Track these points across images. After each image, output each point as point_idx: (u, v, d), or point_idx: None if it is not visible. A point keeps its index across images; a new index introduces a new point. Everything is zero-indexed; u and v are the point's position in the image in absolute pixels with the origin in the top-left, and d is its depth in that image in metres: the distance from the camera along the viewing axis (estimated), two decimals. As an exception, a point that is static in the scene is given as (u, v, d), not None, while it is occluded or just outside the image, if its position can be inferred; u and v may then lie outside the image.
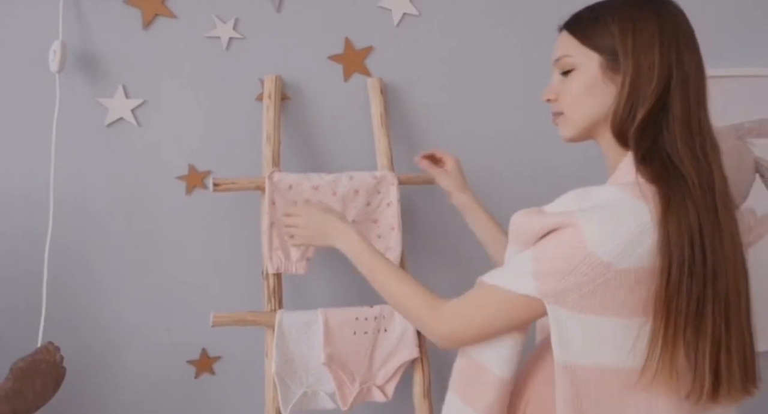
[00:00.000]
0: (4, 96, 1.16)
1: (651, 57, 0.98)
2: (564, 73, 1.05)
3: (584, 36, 1.04)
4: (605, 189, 0.97)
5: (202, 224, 1.26)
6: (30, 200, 1.16)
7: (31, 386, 1.07)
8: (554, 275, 0.92)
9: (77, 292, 1.20)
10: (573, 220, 0.95)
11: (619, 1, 1.04)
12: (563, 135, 1.07)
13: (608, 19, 1.04)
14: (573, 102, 1.04)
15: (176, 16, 1.22)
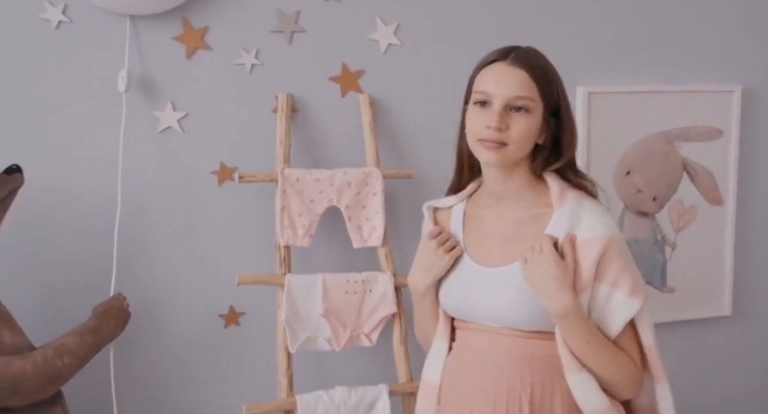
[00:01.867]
0: (83, 111, 1.50)
1: (573, 118, 1.23)
2: (513, 109, 1.19)
3: (543, 88, 1.20)
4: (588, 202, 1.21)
5: (230, 208, 1.60)
6: (103, 189, 1.50)
7: (107, 324, 1.44)
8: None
9: (138, 259, 1.55)
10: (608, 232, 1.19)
11: (551, 64, 1.23)
12: (496, 160, 1.20)
13: (557, 80, 1.23)
14: (521, 139, 1.19)
15: (211, 48, 1.56)
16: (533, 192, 1.26)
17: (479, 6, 1.68)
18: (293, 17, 1.58)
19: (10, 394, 1.31)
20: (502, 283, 1.24)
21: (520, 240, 1.24)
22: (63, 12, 1.45)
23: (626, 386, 1.24)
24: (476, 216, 1.31)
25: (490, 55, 1.23)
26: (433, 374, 1.30)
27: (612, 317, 1.21)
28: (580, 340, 1.19)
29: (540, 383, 1.22)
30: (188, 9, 1.52)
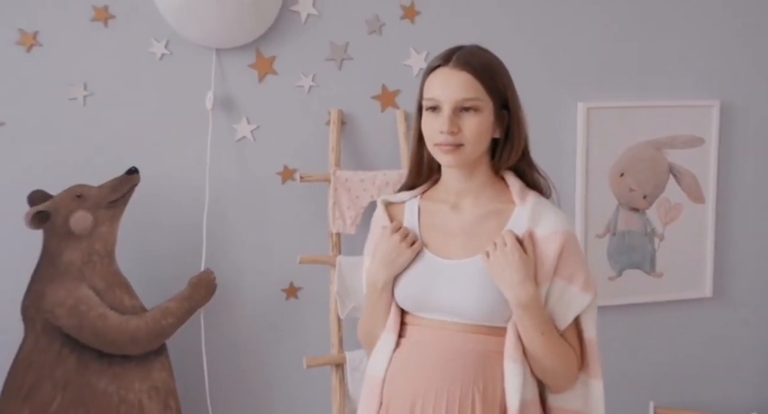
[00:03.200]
0: (180, 123, 1.84)
1: (520, 108, 1.26)
2: (463, 110, 1.21)
3: (488, 85, 1.22)
4: (542, 200, 1.26)
5: (291, 202, 1.94)
6: (195, 186, 1.85)
7: (199, 293, 1.80)
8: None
9: (221, 242, 1.90)
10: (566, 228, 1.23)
11: (497, 58, 1.25)
12: (455, 162, 1.23)
13: (502, 74, 1.24)
14: (475, 139, 1.21)
15: (278, 73, 1.91)
16: (493, 189, 1.29)
17: (495, 36, 2.01)
18: (343, 48, 1.94)
19: (128, 344, 1.69)
20: (463, 275, 1.25)
21: (481, 234, 1.26)
22: (165, 46, 1.82)
23: (566, 377, 1.27)
24: (432, 211, 1.32)
25: (434, 60, 1.26)
26: (378, 368, 1.30)
27: (564, 310, 1.25)
28: (536, 330, 1.21)
29: (492, 379, 1.23)
30: (260, 42, 1.88)
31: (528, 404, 1.24)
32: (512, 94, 1.26)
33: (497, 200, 1.29)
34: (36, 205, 1.63)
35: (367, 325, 1.36)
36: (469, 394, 1.22)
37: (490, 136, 1.25)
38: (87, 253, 1.66)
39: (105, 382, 1.67)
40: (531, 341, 1.22)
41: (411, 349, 1.27)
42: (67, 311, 1.63)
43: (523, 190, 1.28)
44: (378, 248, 1.30)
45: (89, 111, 1.78)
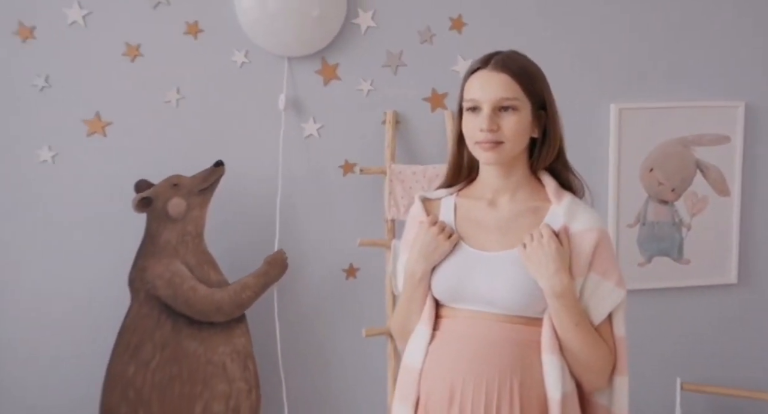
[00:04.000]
0: (256, 122, 2.08)
1: (557, 111, 1.32)
2: (502, 109, 1.26)
3: (525, 86, 1.27)
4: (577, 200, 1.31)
5: (352, 192, 2.17)
6: (269, 177, 2.10)
7: (273, 270, 2.05)
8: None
9: (291, 227, 2.14)
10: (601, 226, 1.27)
11: (533, 62, 1.31)
12: (495, 159, 1.27)
13: (539, 76, 1.30)
14: (514, 136, 1.26)
15: (340, 79, 2.15)
16: (529, 187, 1.34)
17: (534, 44, 2.20)
18: (397, 55, 2.18)
19: (214, 313, 1.96)
20: (499, 266, 1.28)
21: (517, 230, 1.30)
22: (245, 56, 2.08)
23: (600, 371, 1.29)
24: (468, 207, 1.36)
25: (473, 63, 1.32)
26: (415, 358, 1.32)
27: (599, 304, 1.28)
28: (570, 321, 1.24)
29: (529, 368, 1.26)
30: (326, 51, 2.12)
31: (568, 396, 1.26)
32: (549, 95, 1.32)
33: (533, 198, 1.34)
34: (140, 193, 1.92)
35: (402, 317, 1.39)
36: (507, 383, 1.24)
37: (528, 135, 1.30)
38: (181, 234, 1.94)
39: (195, 344, 1.95)
40: (566, 332, 1.25)
41: (447, 341, 1.30)
42: (165, 283, 1.91)
43: (558, 189, 1.33)
44: (416, 241, 1.34)
45: (181, 112, 2.05)
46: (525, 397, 1.24)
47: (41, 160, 1.97)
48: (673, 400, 2.26)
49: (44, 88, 1.95)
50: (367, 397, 2.19)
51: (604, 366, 1.29)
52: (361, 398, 2.20)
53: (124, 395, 1.90)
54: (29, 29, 1.93)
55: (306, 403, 2.18)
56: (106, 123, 2.01)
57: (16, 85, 1.94)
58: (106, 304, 1.98)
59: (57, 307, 2.01)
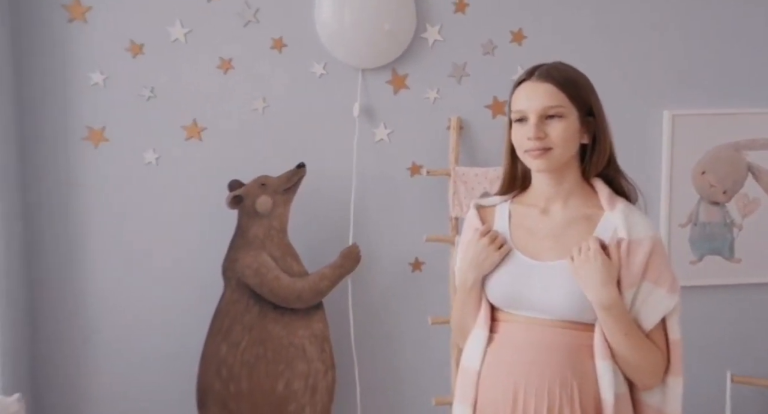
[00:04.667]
0: (333, 128, 2.27)
1: (605, 118, 1.34)
2: (548, 118, 1.28)
3: (571, 94, 1.29)
4: (630, 206, 1.32)
5: (419, 192, 2.35)
6: (344, 177, 2.29)
7: (348, 262, 2.23)
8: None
9: (363, 223, 2.32)
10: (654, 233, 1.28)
11: (578, 71, 1.33)
12: (545, 166, 1.29)
13: (584, 84, 1.32)
14: (562, 142, 1.28)
15: (409, 88, 2.33)
16: (581, 194, 1.35)
17: (589, 54, 2.35)
18: (462, 66, 2.35)
19: (295, 300, 2.16)
20: (554, 276, 1.30)
21: (569, 238, 1.32)
22: (323, 67, 2.28)
23: (652, 375, 1.31)
24: (523, 214, 1.38)
25: (519, 76, 1.37)
26: (473, 361, 1.35)
27: (651, 311, 1.29)
28: (619, 331, 1.26)
29: (586, 372, 1.29)
30: (396, 63, 2.31)
31: (621, 398, 1.30)
32: (596, 102, 1.34)
33: (586, 205, 1.35)
34: (233, 191, 2.15)
35: (458, 318, 1.44)
36: (567, 386, 1.27)
37: (577, 141, 1.32)
38: (267, 228, 2.16)
39: (278, 328, 2.16)
40: (616, 342, 1.27)
41: (505, 344, 1.33)
42: (253, 273, 2.13)
43: (611, 196, 1.34)
44: (468, 249, 1.37)
45: (267, 118, 2.27)
46: (584, 399, 1.28)
47: (146, 161, 2.22)
48: (724, 392, 2.37)
49: (150, 98, 2.20)
50: (431, 379, 2.38)
51: (656, 369, 1.31)
52: (426, 380, 2.38)
53: (218, 372, 2.13)
54: (139, 46, 2.18)
55: (376, 383, 2.38)
56: (201, 128, 2.24)
57: (127, 95, 2.19)
58: (203, 291, 2.20)
59: (160, 294, 2.25)
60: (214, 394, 2.13)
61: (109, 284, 2.23)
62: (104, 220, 2.22)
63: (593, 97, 1.34)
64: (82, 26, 2.14)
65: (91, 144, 2.18)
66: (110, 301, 2.24)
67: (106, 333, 2.24)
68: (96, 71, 2.16)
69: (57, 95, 2.16)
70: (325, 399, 2.20)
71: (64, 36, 2.13)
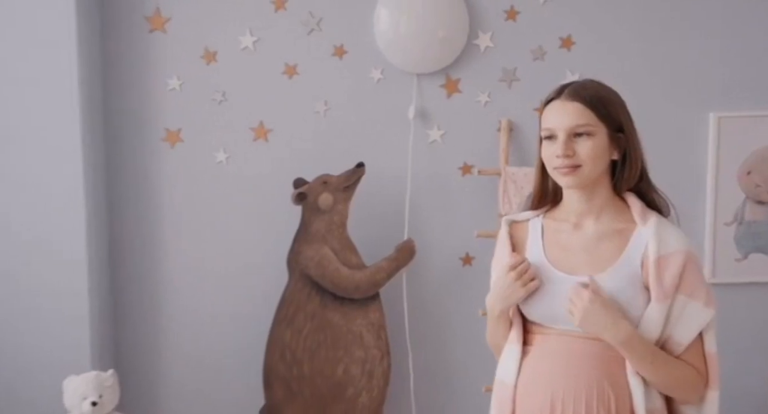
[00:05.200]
0: (390, 130, 2.42)
1: (636, 132, 1.35)
2: (577, 135, 1.29)
3: (600, 112, 1.31)
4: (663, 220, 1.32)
5: (470, 190, 2.46)
6: (400, 176, 2.42)
7: (403, 256, 2.37)
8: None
9: (417, 219, 2.44)
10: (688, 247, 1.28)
11: (608, 88, 1.35)
12: (574, 183, 1.30)
13: (613, 101, 1.33)
14: (591, 160, 1.29)
15: (461, 92, 2.44)
16: (614, 209, 1.36)
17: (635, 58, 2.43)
18: (512, 71, 2.46)
19: (353, 291, 2.31)
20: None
21: (602, 252, 1.33)
22: (381, 73, 2.42)
23: (687, 393, 1.33)
24: (555, 229, 1.40)
25: (549, 95, 1.40)
26: (509, 375, 1.38)
27: (687, 325, 1.30)
28: (643, 361, 1.27)
29: (619, 383, 1.30)
30: (449, 68, 2.43)
31: (654, 412, 1.31)
32: (626, 118, 1.35)
33: (618, 220, 1.36)
34: (297, 189, 2.31)
35: (491, 336, 1.49)
36: (604, 396, 1.29)
37: (607, 158, 1.34)
38: (328, 223, 2.31)
39: (338, 316, 2.32)
40: (643, 371, 1.29)
41: (540, 356, 1.35)
42: (315, 264, 2.28)
43: (644, 210, 1.35)
44: (497, 282, 1.40)
45: (329, 121, 2.42)
46: (620, 411, 1.30)
47: (217, 161, 2.40)
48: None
49: (221, 102, 2.38)
50: (481, 367, 2.48)
51: (690, 386, 1.32)
52: (476, 368, 2.50)
53: (282, 356, 2.29)
54: (212, 54, 2.36)
55: (428, 369, 2.51)
56: (268, 130, 2.41)
57: (202, 99, 2.37)
58: (269, 281, 2.37)
59: (230, 283, 2.43)
60: (278, 376, 2.29)
61: (184, 273, 2.42)
62: (179, 213, 2.41)
63: (623, 113, 1.36)
64: (161, 36, 2.33)
65: (168, 144, 2.38)
66: (185, 289, 2.43)
67: (181, 318, 2.43)
68: (173, 77, 2.35)
69: (138, 99, 2.36)
70: (381, 384, 2.34)
71: (146, 45, 2.33)
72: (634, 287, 1.31)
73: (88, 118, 2.19)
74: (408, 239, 2.40)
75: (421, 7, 2.35)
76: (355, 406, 2.31)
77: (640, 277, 1.31)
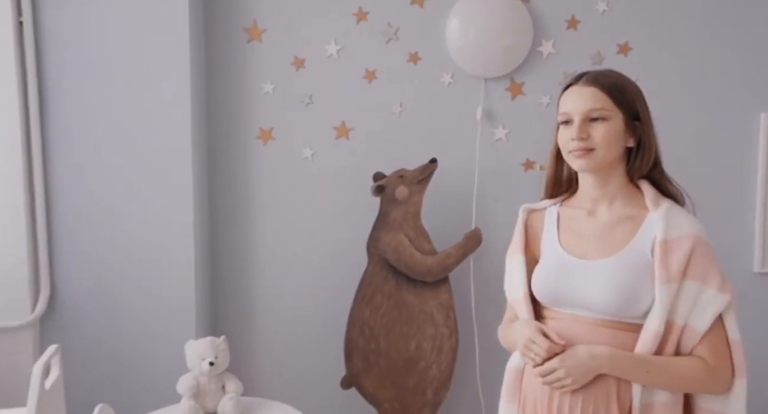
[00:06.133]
0: (460, 129, 2.64)
1: (651, 121, 1.34)
2: (592, 120, 1.29)
3: (617, 98, 1.30)
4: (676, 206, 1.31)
5: (532, 184, 2.64)
6: (468, 171, 2.64)
7: (471, 244, 2.58)
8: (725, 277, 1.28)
9: (483, 209, 2.66)
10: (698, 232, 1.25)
11: (626, 77, 1.35)
12: (588, 167, 1.30)
13: (630, 89, 1.34)
14: (605, 143, 1.28)
15: (525, 94, 2.65)
16: (627, 195, 1.36)
17: (689, 62, 2.61)
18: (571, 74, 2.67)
19: (426, 274, 2.54)
20: (596, 273, 1.31)
21: (615, 237, 1.33)
22: (451, 77, 2.66)
23: (697, 390, 1.29)
24: (570, 217, 1.41)
25: (568, 81, 1.40)
26: (517, 360, 1.41)
27: (703, 312, 1.26)
28: (637, 374, 1.25)
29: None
30: (514, 73, 2.64)
31: (654, 405, 1.28)
32: (642, 107, 1.35)
33: (631, 206, 1.35)
34: (376, 182, 2.56)
35: (506, 336, 1.54)
36: (605, 386, 1.27)
37: (621, 144, 1.33)
38: (404, 213, 2.55)
39: (411, 297, 2.56)
40: (641, 381, 1.26)
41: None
42: (392, 250, 2.53)
43: (657, 197, 1.34)
44: (524, 329, 1.37)
45: (404, 121, 2.66)
46: (622, 399, 1.28)
47: (304, 156, 2.66)
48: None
49: (308, 104, 2.65)
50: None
51: (698, 383, 1.28)
52: (536, 349, 2.72)
53: (361, 332, 2.55)
54: (301, 61, 2.63)
55: (492, 347, 2.68)
56: (349, 129, 2.67)
57: (291, 101, 2.63)
58: (350, 265, 2.62)
59: (315, 264, 2.69)
60: (357, 350, 2.55)
61: (274, 257, 2.69)
62: (270, 203, 2.67)
63: (640, 102, 1.36)
64: (257, 45, 2.61)
65: (261, 142, 2.66)
66: (275, 271, 2.70)
67: (271, 298, 2.70)
68: (267, 82, 2.63)
69: (237, 102, 2.64)
70: (449, 359, 2.58)
71: (244, 53, 2.61)
72: (642, 273, 1.30)
73: (196, 118, 2.49)
74: (475, 228, 2.63)
75: (489, 18, 2.57)
76: (425, 377, 2.56)
77: (649, 263, 1.30)
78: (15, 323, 2.28)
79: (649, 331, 1.27)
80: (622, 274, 1.29)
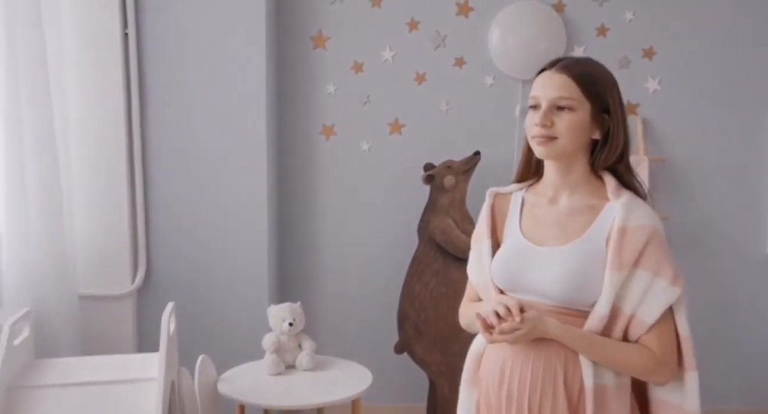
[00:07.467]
0: (500, 126, 2.98)
1: (623, 115, 1.31)
2: (559, 108, 1.26)
3: (587, 89, 1.27)
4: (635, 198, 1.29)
5: None
6: (507, 164, 2.89)
7: None
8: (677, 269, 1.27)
9: None
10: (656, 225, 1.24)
11: (602, 67, 1.31)
12: (547, 155, 1.28)
13: (604, 81, 1.29)
14: (567, 133, 1.25)
15: None
16: (589, 185, 1.34)
17: (709, 68, 2.90)
18: (602, 76, 2.98)
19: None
20: (551, 260, 1.31)
21: (574, 226, 1.32)
22: (492, 79, 2.98)
23: (639, 376, 1.31)
24: (534, 203, 1.41)
25: (543, 65, 1.39)
26: (478, 345, 1.46)
27: (652, 303, 1.26)
28: (584, 344, 1.27)
29: (574, 358, 1.29)
30: (549, 75, 2.99)
31: (606, 388, 1.29)
32: (613, 99, 1.32)
33: (592, 196, 1.35)
34: (426, 171, 2.90)
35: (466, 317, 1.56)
36: (551, 370, 1.30)
37: (586, 135, 1.31)
38: (451, 199, 2.88)
39: (457, 274, 2.87)
40: (587, 353, 1.28)
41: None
42: (440, 232, 2.86)
43: (618, 188, 1.33)
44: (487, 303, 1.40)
45: (449, 118, 2.99)
46: (569, 384, 1.30)
47: (362, 150, 3.01)
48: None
49: (366, 103, 2.99)
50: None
51: (641, 370, 1.30)
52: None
53: (412, 304, 2.88)
54: (360, 65, 2.97)
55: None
56: (402, 125, 3.01)
57: (350, 101, 2.98)
58: (403, 245, 2.94)
59: (371, 246, 3.03)
60: (409, 320, 2.88)
61: (335, 239, 3.04)
62: (332, 190, 3.02)
63: (611, 94, 1.33)
64: (322, 52, 2.96)
65: (324, 137, 3.01)
66: (337, 250, 3.05)
67: (333, 274, 3.05)
68: (330, 84, 2.97)
69: (303, 101, 2.99)
70: (490, 329, 2.90)
71: (310, 59, 2.96)
72: (595, 262, 1.30)
73: (270, 115, 2.84)
74: (514, 213, 2.94)
75: (527, 26, 2.89)
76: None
77: (603, 253, 1.30)
78: (117, 292, 2.69)
79: (596, 314, 1.29)
80: (574, 263, 1.30)
